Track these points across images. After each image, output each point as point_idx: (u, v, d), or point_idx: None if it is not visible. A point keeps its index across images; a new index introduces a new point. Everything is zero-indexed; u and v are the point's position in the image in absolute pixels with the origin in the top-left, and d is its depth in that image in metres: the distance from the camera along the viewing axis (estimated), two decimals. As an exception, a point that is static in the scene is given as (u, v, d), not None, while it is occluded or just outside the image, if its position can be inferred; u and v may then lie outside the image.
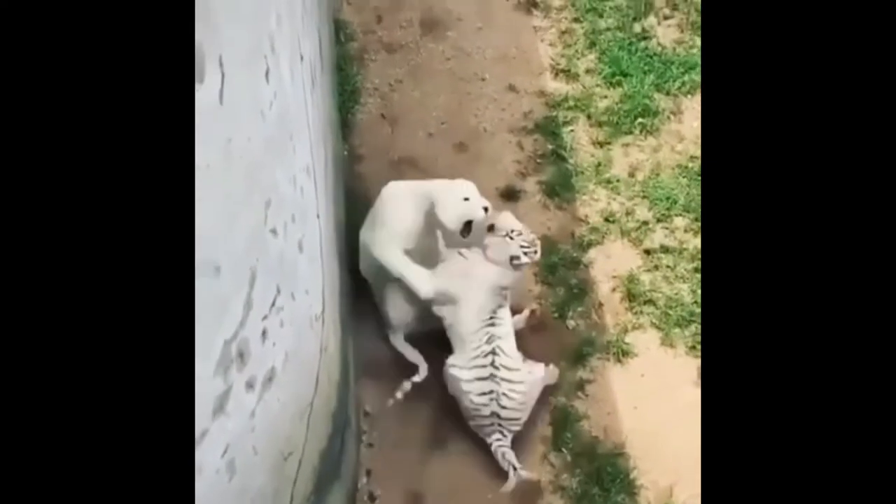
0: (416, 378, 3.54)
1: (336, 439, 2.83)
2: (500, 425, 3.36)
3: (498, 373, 3.35)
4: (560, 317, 3.72)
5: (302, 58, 2.32)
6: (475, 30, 4.58)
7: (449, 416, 3.47)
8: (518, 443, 3.39)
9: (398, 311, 3.58)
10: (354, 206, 3.84)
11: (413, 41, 4.53)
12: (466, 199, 3.43)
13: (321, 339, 2.55)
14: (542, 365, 3.48)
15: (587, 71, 4.44)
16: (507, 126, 4.30)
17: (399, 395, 3.52)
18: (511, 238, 3.47)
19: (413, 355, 3.60)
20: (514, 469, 3.31)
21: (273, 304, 2.07)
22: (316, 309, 2.45)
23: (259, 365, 2.06)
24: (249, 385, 2.05)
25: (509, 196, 4.06)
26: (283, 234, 2.05)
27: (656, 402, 3.53)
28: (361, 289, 3.70)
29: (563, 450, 3.43)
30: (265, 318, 2.04)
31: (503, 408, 3.34)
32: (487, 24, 4.59)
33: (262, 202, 1.90)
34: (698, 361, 3.61)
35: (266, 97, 1.85)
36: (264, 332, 2.05)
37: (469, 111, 4.34)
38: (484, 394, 3.34)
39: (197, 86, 1.54)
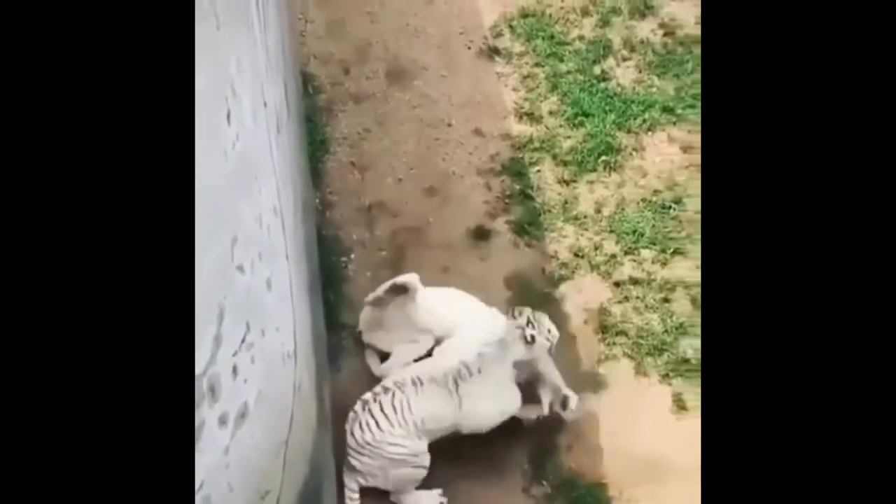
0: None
1: (314, 480, 2.84)
2: (350, 453, 3.40)
3: (367, 398, 3.41)
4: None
5: (266, 104, 2.40)
6: (440, 78, 4.72)
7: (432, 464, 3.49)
8: (499, 477, 3.41)
9: None
10: (327, 250, 3.90)
11: (380, 91, 4.65)
12: None
13: (294, 378, 2.58)
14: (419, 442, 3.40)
15: (550, 113, 4.57)
16: (475, 169, 4.41)
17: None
18: None
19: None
20: None
21: (243, 341, 2.11)
22: (288, 347, 2.49)
23: (231, 401, 2.09)
24: (222, 421, 2.07)
25: (479, 236, 4.15)
26: (250, 272, 2.10)
27: (633, 431, 3.57)
28: (341, 331, 3.75)
29: (544, 482, 3.46)
30: (235, 353, 2.08)
31: (351, 434, 3.38)
32: (452, 72, 4.73)
33: (228, 239, 1.96)
34: (672, 389, 3.67)
35: (228, 137, 1.93)
36: (235, 368, 2.08)
37: (437, 156, 4.44)
38: (353, 412, 3.43)
39: (159, 125, 1.61)
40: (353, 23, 4.85)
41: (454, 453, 3.49)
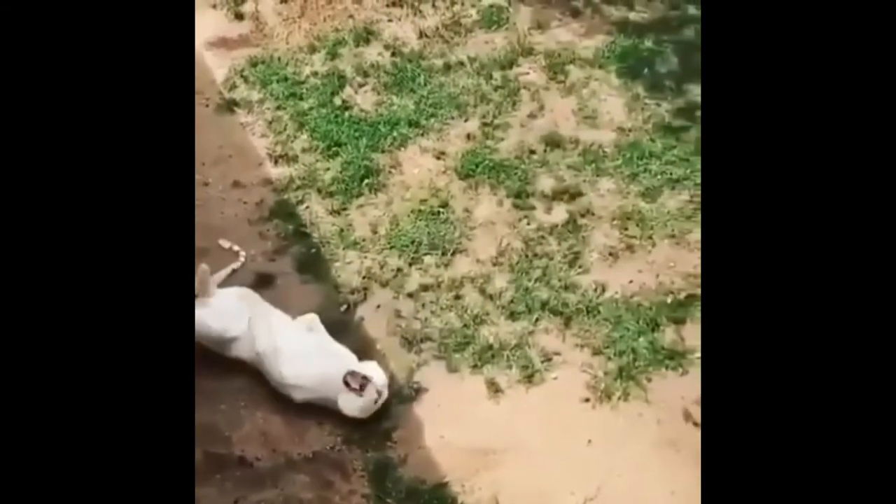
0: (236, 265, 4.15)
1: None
2: None
3: None
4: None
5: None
6: (185, 140, 4.63)
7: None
8: (344, 510, 3.40)
9: None
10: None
11: (126, 166, 4.48)
12: None
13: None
14: None
15: (304, 150, 4.65)
16: (245, 220, 4.39)
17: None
18: None
19: None
20: None
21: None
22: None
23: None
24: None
25: (265, 283, 4.12)
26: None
27: (458, 425, 3.69)
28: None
29: (389, 500, 3.48)
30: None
31: None
32: (196, 132, 4.63)
33: None
34: (483, 376, 3.83)
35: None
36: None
37: (203, 217, 4.34)
38: None
39: None
40: (78, 104, 4.64)
41: (291, 497, 3.44)
